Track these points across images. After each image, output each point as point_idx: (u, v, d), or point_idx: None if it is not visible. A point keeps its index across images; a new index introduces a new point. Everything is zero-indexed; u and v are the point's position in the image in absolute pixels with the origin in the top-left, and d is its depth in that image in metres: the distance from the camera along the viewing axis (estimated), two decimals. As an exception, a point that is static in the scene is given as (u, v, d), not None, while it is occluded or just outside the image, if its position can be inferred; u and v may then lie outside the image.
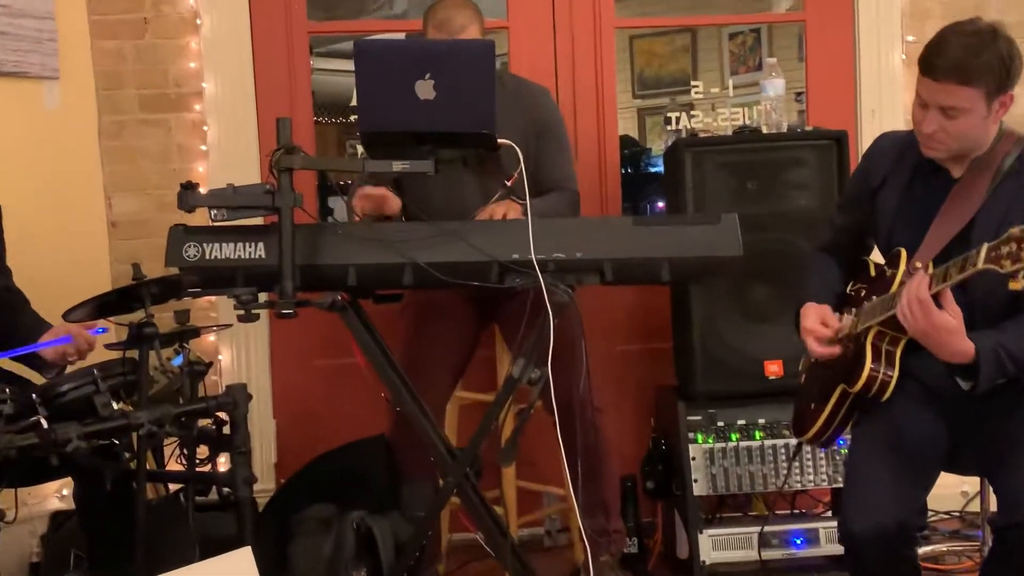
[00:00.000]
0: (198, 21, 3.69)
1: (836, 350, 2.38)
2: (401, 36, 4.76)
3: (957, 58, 2.15)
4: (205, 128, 3.72)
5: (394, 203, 2.98)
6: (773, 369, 3.27)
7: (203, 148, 3.73)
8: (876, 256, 2.50)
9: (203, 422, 2.78)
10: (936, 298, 2.10)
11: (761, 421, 3.31)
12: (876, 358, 2.30)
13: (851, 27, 3.88)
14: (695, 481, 3.28)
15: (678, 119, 3.81)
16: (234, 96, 3.72)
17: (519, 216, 2.78)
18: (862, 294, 2.43)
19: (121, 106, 3.71)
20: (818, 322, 2.40)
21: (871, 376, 2.30)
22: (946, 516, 3.72)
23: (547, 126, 3.17)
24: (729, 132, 3.49)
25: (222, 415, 2.72)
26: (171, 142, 3.73)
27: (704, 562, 3.25)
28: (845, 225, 2.57)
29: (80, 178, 3.66)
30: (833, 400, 2.41)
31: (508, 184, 2.80)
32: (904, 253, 2.32)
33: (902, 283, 2.24)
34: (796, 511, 3.52)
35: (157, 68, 3.71)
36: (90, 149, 3.69)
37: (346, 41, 4.80)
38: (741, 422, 3.31)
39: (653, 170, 5.48)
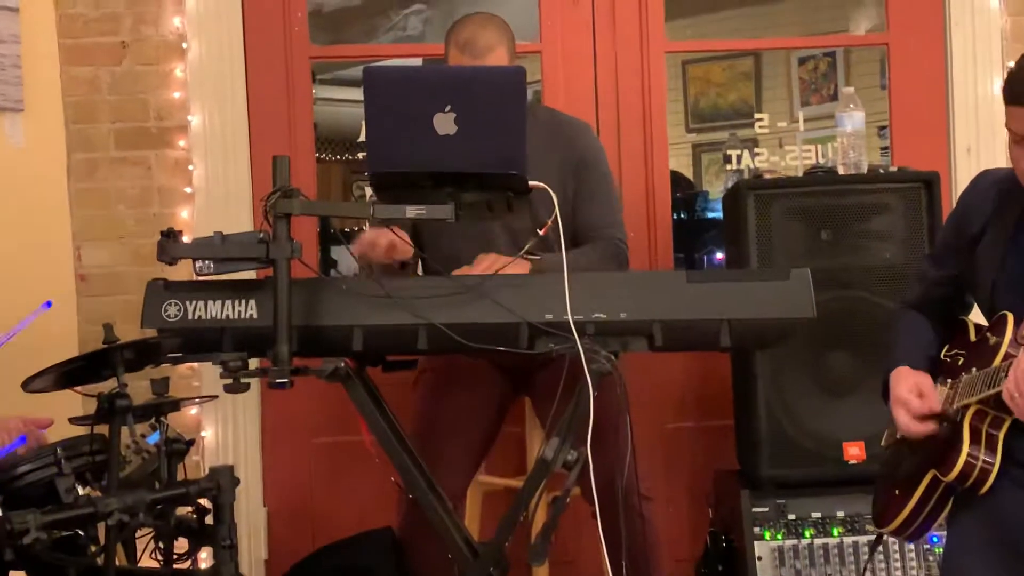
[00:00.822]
0: (184, 45, 3.75)
1: (932, 427, 2.35)
2: (417, 62, 4.82)
3: None
4: (190, 167, 3.76)
5: (403, 249, 2.98)
6: (854, 452, 3.24)
7: (188, 190, 3.77)
8: (976, 315, 2.48)
9: (182, 510, 2.78)
10: (1049, 376, 2.08)
11: (840, 514, 3.29)
12: (975, 441, 2.27)
13: (942, 50, 3.90)
14: (762, 585, 3.25)
15: (739, 157, 3.83)
16: (224, 131, 3.77)
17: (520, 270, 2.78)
18: (959, 363, 2.40)
19: (94, 142, 3.76)
20: (914, 392, 2.37)
21: (968, 463, 2.26)
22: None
23: (588, 165, 3.20)
24: (799, 173, 3.50)
25: (204, 502, 2.71)
26: (151, 183, 3.77)
27: None
28: (938, 279, 2.55)
29: (45, 225, 3.70)
30: (922, 488, 2.38)
31: (541, 233, 2.81)
32: (1011, 318, 2.29)
33: (1008, 356, 2.22)
34: (882, 622, 3.47)
35: (136, 98, 3.77)
36: (58, 191, 3.73)
37: (354, 67, 4.86)
38: (816, 515, 3.29)
39: (710, 216, 5.49)
